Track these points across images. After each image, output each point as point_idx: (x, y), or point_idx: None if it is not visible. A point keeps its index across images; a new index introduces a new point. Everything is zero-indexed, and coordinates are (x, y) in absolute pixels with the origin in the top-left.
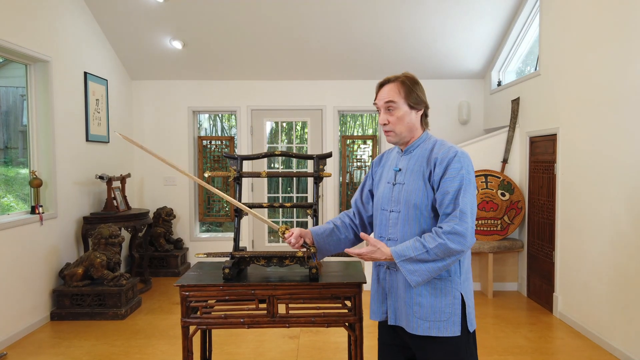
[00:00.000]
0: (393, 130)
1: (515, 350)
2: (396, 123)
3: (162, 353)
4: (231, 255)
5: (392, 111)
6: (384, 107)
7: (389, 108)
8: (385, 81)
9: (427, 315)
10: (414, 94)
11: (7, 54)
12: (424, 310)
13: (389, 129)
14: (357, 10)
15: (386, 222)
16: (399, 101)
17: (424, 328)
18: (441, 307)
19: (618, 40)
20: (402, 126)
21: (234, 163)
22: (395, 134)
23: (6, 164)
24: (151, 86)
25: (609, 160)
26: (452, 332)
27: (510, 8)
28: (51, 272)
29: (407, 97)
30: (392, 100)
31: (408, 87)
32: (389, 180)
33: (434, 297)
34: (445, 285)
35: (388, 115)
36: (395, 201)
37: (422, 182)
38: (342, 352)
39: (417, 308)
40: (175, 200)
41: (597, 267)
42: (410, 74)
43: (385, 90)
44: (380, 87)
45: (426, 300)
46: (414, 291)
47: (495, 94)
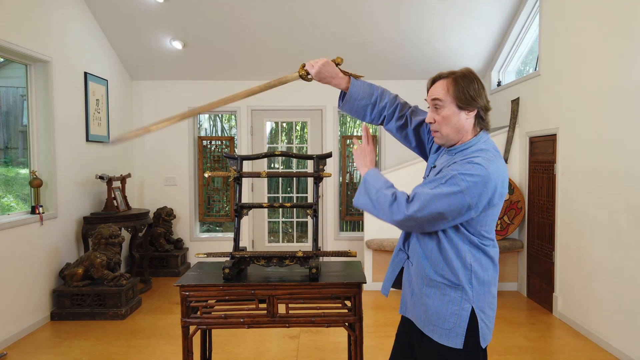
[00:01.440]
0: (439, 130)
1: (515, 350)
2: (442, 123)
3: (162, 353)
4: (231, 255)
5: (438, 110)
6: (431, 105)
7: (435, 106)
8: (437, 77)
9: (432, 318)
10: (465, 93)
11: (7, 54)
12: (430, 313)
13: (434, 128)
14: (357, 10)
15: None
16: (446, 100)
17: (429, 329)
18: (446, 315)
19: (618, 40)
20: (448, 127)
21: (234, 163)
22: (442, 135)
23: (6, 164)
24: (151, 86)
25: (608, 160)
26: (454, 344)
27: (510, 8)
28: (51, 272)
29: (455, 96)
30: (438, 98)
31: (459, 85)
32: (424, 175)
33: (440, 303)
34: (454, 294)
35: (434, 113)
36: None
37: None
38: (342, 352)
39: (424, 308)
40: (176, 200)
41: (597, 267)
42: (467, 71)
43: (435, 86)
44: (431, 83)
45: (433, 303)
46: (424, 292)
47: (495, 94)
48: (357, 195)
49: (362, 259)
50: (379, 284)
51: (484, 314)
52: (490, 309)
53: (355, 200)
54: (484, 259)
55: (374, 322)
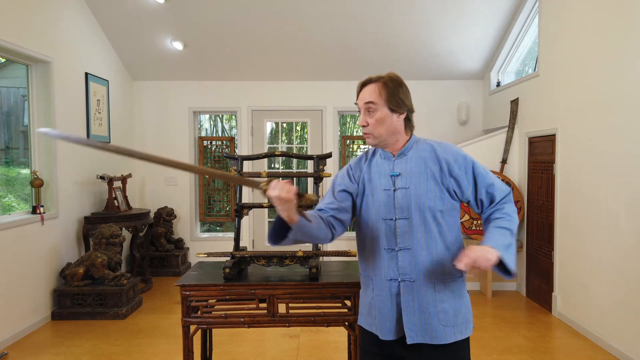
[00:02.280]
0: (372, 132)
1: (515, 349)
2: (375, 125)
3: (163, 352)
4: (232, 255)
5: (371, 113)
6: (364, 109)
7: (368, 109)
8: (366, 81)
9: (451, 320)
10: (396, 97)
11: (8, 54)
12: (449, 316)
13: (368, 131)
14: (357, 11)
15: (392, 232)
16: (379, 103)
17: (451, 335)
18: (460, 309)
19: (617, 41)
20: (381, 129)
21: (235, 163)
22: (374, 137)
23: (7, 164)
24: (152, 87)
25: (607, 160)
26: (469, 332)
27: (509, 9)
28: (52, 272)
29: (388, 100)
30: (371, 101)
31: (390, 89)
32: (386, 187)
33: (454, 300)
34: (460, 286)
35: (367, 117)
36: (400, 208)
37: (434, 183)
38: (342, 351)
39: (442, 315)
40: (176, 200)
41: (596, 266)
42: (394, 75)
43: (366, 90)
44: (361, 87)
45: (449, 305)
46: (437, 298)
47: (495, 94)
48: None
49: None
50: None
51: None
52: None
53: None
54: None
55: None
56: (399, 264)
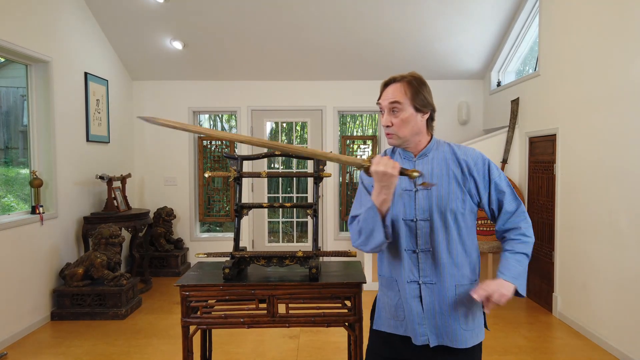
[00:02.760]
0: (396, 133)
1: (515, 350)
2: (400, 126)
3: (163, 353)
4: (231, 255)
5: (396, 113)
6: (388, 108)
7: (393, 109)
8: (390, 80)
9: (470, 324)
10: (421, 96)
11: (7, 54)
12: (468, 321)
13: (392, 131)
14: (357, 10)
15: (413, 233)
16: (405, 102)
17: (471, 340)
18: (476, 313)
19: (617, 41)
20: (406, 129)
21: (234, 163)
22: (398, 137)
23: (7, 164)
24: (151, 86)
25: (608, 160)
26: (483, 336)
27: (510, 9)
28: (51, 272)
29: (413, 99)
30: (397, 101)
31: (415, 88)
32: (407, 188)
33: (471, 304)
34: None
35: (392, 117)
36: (421, 209)
37: (456, 185)
38: (342, 351)
39: (463, 319)
40: (176, 200)
41: (597, 267)
42: (417, 74)
43: (390, 90)
44: (385, 87)
45: (468, 309)
46: (458, 300)
47: (495, 94)
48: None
49: (362, 259)
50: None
51: None
52: None
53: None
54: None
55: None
56: (420, 265)
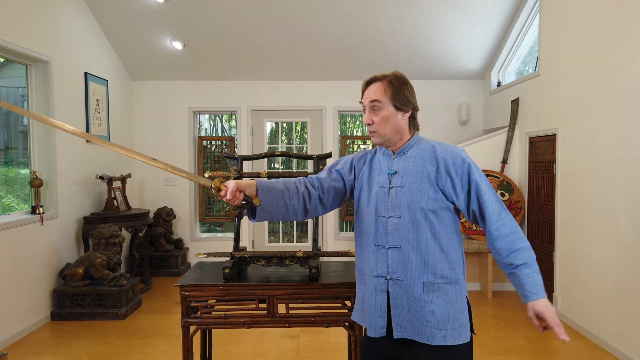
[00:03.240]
0: (377, 131)
1: (515, 350)
2: (380, 124)
3: (163, 353)
4: (231, 255)
5: (377, 111)
6: (369, 107)
7: (374, 108)
8: (372, 79)
9: (442, 323)
10: (401, 95)
11: (7, 54)
12: (438, 319)
13: (373, 129)
14: (357, 10)
15: (384, 229)
16: (385, 101)
17: (440, 337)
18: (454, 314)
19: (618, 41)
20: (386, 127)
21: (234, 163)
22: (380, 135)
23: (7, 164)
24: (151, 86)
25: (608, 160)
26: (466, 339)
27: (510, 8)
28: (51, 272)
29: (393, 98)
30: (377, 99)
31: (395, 88)
32: (382, 184)
33: (446, 304)
34: (455, 290)
35: (372, 115)
36: (393, 206)
37: (428, 183)
38: (342, 352)
39: (430, 317)
40: (176, 200)
41: (597, 267)
42: (399, 73)
43: (371, 89)
44: (366, 86)
45: (439, 308)
46: (427, 299)
47: (495, 94)
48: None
49: None
50: None
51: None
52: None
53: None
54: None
55: None
56: (389, 262)
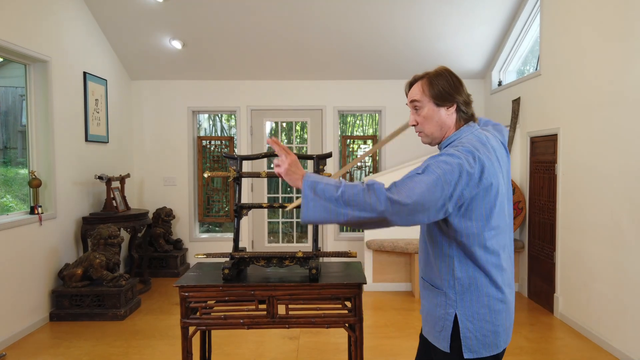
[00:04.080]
0: (422, 130)
1: (516, 350)
2: (424, 123)
3: (162, 354)
4: (231, 255)
5: (418, 111)
6: (411, 107)
7: (415, 107)
8: (413, 80)
9: (429, 320)
10: (440, 90)
11: (6, 54)
12: (424, 313)
13: (418, 129)
14: (357, 10)
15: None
16: (423, 100)
17: (426, 331)
18: (435, 318)
19: (618, 40)
20: (431, 126)
21: (234, 163)
22: (426, 135)
23: (5, 164)
24: (151, 86)
25: (609, 160)
26: (443, 347)
27: (511, 8)
28: (50, 273)
29: (432, 95)
30: (415, 99)
31: (433, 84)
32: None
33: (432, 305)
34: (438, 297)
35: (415, 115)
36: None
37: None
38: (342, 352)
39: (424, 311)
40: (175, 200)
41: (598, 267)
42: (441, 68)
43: (413, 89)
44: (409, 87)
45: (428, 305)
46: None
47: (496, 94)
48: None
49: (362, 259)
50: (379, 284)
51: (471, 324)
52: (486, 321)
53: (304, 215)
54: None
55: (374, 322)
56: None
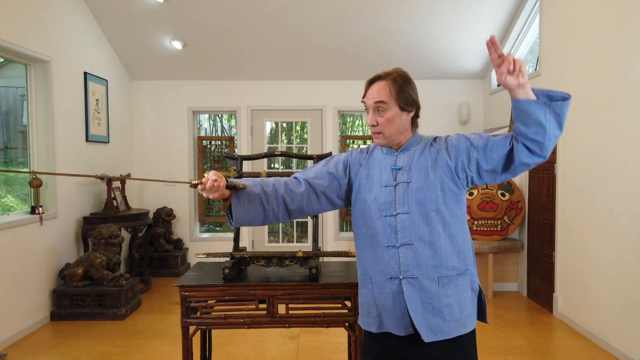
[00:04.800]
0: (382, 132)
1: (515, 350)
2: (386, 125)
3: (162, 353)
4: (231, 255)
5: (381, 112)
6: (373, 107)
7: (378, 109)
8: (375, 78)
9: (456, 314)
10: (406, 94)
11: (7, 54)
12: (454, 311)
13: (377, 130)
14: (357, 10)
15: (392, 228)
16: (390, 102)
17: (455, 329)
18: (466, 304)
19: (618, 41)
20: (392, 128)
21: (234, 163)
22: (385, 137)
23: (6, 164)
24: (151, 86)
25: (608, 160)
26: (472, 326)
27: (510, 8)
28: (51, 273)
29: (398, 98)
30: (382, 100)
31: (400, 87)
32: (387, 183)
33: (458, 295)
34: (465, 280)
35: (377, 116)
36: (401, 202)
37: (433, 174)
38: (342, 352)
39: (447, 311)
40: (175, 200)
41: (597, 267)
42: (402, 71)
43: (375, 88)
44: (369, 84)
45: (453, 300)
46: (442, 292)
47: (495, 94)
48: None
49: None
50: None
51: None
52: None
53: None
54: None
55: None
56: (400, 260)
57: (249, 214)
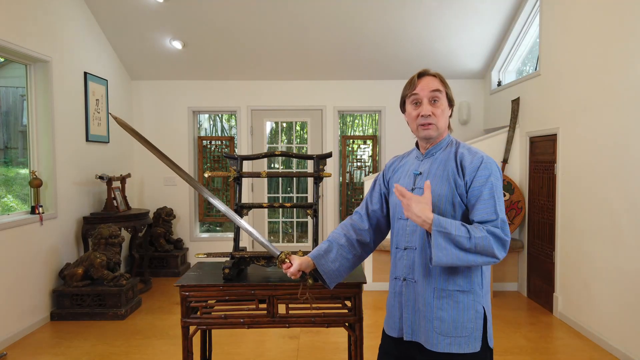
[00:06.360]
0: (436, 123)
1: (515, 350)
2: (440, 116)
3: (162, 353)
4: (231, 255)
5: (437, 102)
6: (429, 97)
7: (434, 99)
8: (424, 72)
9: (449, 330)
10: (450, 91)
11: (7, 54)
12: (446, 326)
13: (432, 121)
14: (357, 10)
15: (403, 231)
16: (443, 94)
17: (445, 344)
18: (463, 322)
19: (618, 40)
20: (443, 121)
21: (234, 163)
22: (437, 128)
23: (6, 164)
24: (151, 86)
25: (609, 160)
26: (474, 348)
27: (510, 8)
28: (51, 272)
29: (447, 93)
30: (439, 89)
31: (445, 83)
32: (407, 186)
33: (456, 312)
34: (467, 299)
35: (433, 106)
36: None
37: (448, 188)
38: (342, 352)
39: (437, 323)
40: (175, 200)
41: (597, 267)
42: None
43: (426, 80)
44: (419, 77)
45: (448, 315)
46: (436, 304)
47: (495, 94)
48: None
49: None
50: (379, 283)
51: (490, 314)
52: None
53: (437, 260)
54: None
55: (374, 322)
56: (405, 262)
57: (337, 272)
